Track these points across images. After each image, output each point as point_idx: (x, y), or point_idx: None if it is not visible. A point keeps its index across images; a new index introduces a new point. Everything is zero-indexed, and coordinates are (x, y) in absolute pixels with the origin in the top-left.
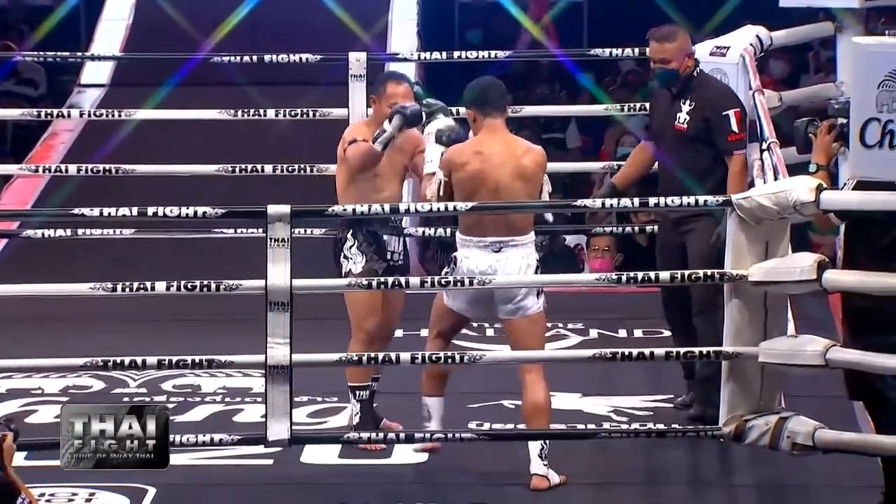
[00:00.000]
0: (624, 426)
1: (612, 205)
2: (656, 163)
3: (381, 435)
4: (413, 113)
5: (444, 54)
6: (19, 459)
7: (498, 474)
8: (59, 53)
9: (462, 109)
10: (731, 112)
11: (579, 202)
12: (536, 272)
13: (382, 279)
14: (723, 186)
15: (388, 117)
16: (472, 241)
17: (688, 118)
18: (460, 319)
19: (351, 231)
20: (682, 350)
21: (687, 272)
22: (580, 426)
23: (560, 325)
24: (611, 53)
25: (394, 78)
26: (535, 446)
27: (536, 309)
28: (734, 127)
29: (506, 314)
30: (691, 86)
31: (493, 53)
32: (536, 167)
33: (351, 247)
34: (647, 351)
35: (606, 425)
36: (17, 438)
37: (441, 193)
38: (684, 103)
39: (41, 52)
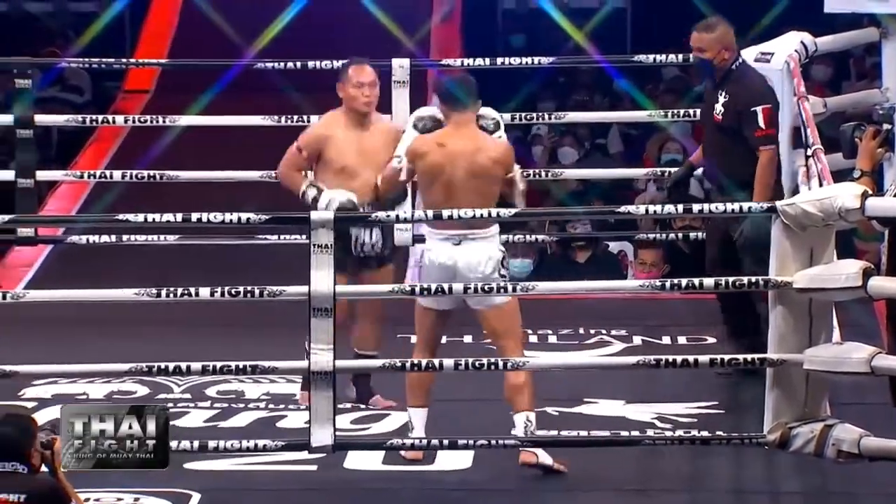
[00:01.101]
0: (668, 433)
1: (655, 210)
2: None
3: (424, 441)
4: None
5: (487, 60)
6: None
7: (539, 480)
8: (104, 60)
9: (507, 116)
10: (759, 108)
11: (623, 208)
12: (502, 264)
13: (425, 286)
14: (753, 179)
15: (331, 202)
16: (434, 234)
17: (723, 110)
18: (438, 318)
19: None
20: (727, 357)
21: (731, 279)
22: (624, 433)
23: (603, 331)
24: (654, 59)
25: (355, 61)
26: (520, 423)
27: (504, 299)
28: (761, 123)
29: (475, 303)
30: (729, 78)
31: (535, 60)
32: (493, 164)
33: None
34: (691, 358)
35: (650, 432)
36: None
37: (402, 178)
38: (721, 95)
39: (86, 59)
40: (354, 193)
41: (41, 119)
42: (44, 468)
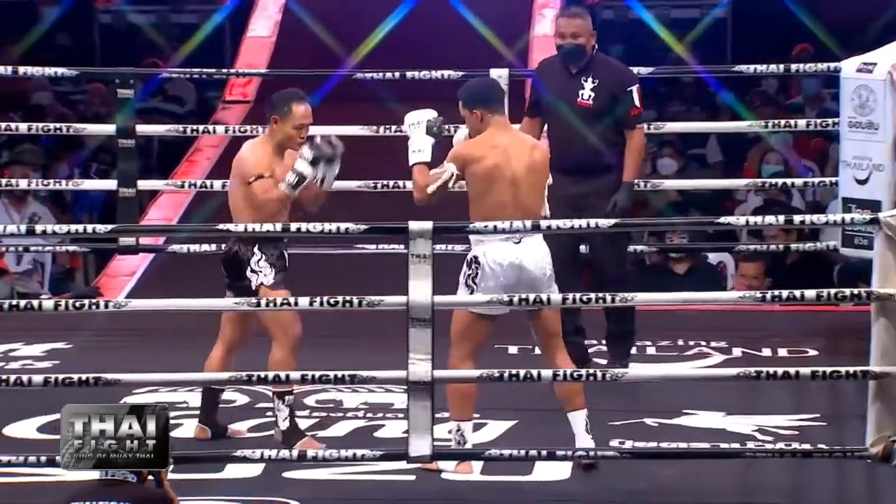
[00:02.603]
0: (768, 445)
1: (755, 222)
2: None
3: (521, 452)
4: (335, 154)
5: None
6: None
7: (639, 492)
8: (204, 70)
9: None
10: (633, 88)
11: (722, 219)
12: None
13: (523, 296)
14: (623, 158)
15: (306, 158)
16: (492, 236)
17: (592, 94)
18: (490, 325)
19: (257, 245)
20: (829, 370)
21: (833, 290)
22: (724, 445)
23: (703, 343)
24: (755, 70)
25: (298, 97)
26: (582, 421)
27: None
28: (636, 102)
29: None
30: (594, 64)
31: (636, 70)
32: (544, 160)
33: (259, 260)
34: (792, 370)
35: (751, 444)
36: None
37: (451, 186)
38: (586, 80)
39: (187, 69)
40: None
41: (142, 129)
42: (150, 477)
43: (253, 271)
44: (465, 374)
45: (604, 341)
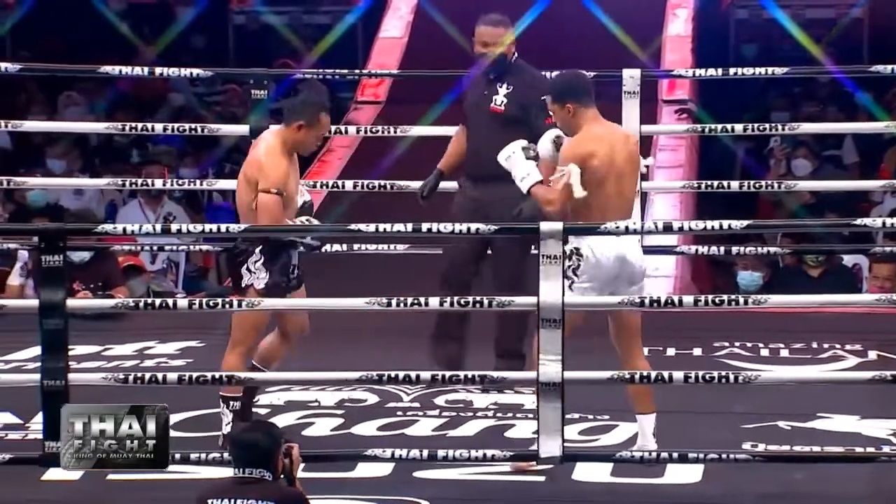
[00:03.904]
0: None
1: (892, 224)
2: None
3: (653, 455)
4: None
5: (720, 71)
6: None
7: (772, 496)
8: (336, 71)
9: (739, 127)
10: (549, 97)
11: (858, 221)
12: None
13: (655, 297)
14: None
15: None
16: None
17: (505, 101)
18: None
19: (259, 247)
20: None
21: None
22: (858, 449)
23: (837, 346)
24: (892, 70)
25: (325, 108)
26: (648, 427)
27: None
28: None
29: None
30: (511, 71)
31: (769, 70)
32: (637, 148)
33: (256, 261)
34: None
35: (886, 449)
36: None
37: (579, 185)
38: (501, 87)
39: (319, 70)
40: (288, 219)
41: None
42: (281, 476)
43: (248, 270)
44: (595, 376)
45: (735, 344)
